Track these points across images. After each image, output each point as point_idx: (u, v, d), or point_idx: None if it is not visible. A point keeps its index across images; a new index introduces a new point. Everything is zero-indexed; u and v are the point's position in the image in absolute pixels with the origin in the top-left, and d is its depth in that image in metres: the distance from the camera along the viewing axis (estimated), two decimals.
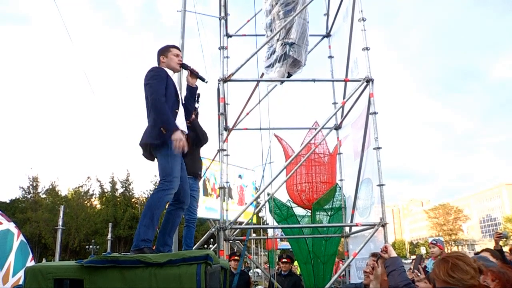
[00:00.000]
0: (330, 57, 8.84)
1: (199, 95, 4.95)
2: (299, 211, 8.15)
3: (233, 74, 6.43)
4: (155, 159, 3.70)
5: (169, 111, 3.56)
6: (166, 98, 3.63)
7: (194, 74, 4.12)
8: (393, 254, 3.30)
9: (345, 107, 7.69)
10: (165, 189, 3.41)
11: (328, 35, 8.85)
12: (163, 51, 4.04)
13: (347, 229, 7.92)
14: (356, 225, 6.53)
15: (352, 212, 7.10)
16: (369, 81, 6.31)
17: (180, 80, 8.30)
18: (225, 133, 7.13)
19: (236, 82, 6.62)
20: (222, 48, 6.84)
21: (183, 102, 4.07)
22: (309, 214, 8.11)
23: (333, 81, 8.47)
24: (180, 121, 3.77)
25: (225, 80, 6.45)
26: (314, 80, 6.62)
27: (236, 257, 7.60)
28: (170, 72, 3.92)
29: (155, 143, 3.54)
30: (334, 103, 8.55)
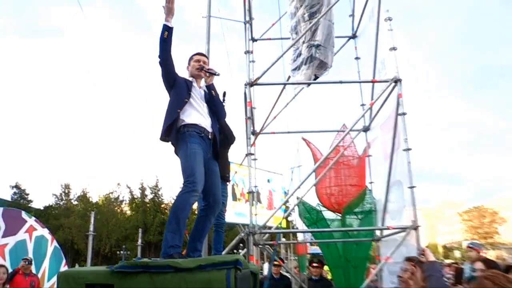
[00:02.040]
0: (357, 58, 8.66)
1: (225, 93, 4.92)
2: (329, 214, 8.02)
3: (259, 78, 6.38)
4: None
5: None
6: (175, 88, 3.67)
7: (209, 73, 4.03)
8: (431, 258, 3.18)
9: (373, 108, 7.55)
10: (188, 191, 3.31)
11: (354, 36, 8.72)
12: (188, 61, 4.09)
13: (378, 232, 7.75)
14: (388, 229, 6.38)
15: (383, 215, 6.94)
16: (397, 81, 6.18)
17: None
18: (252, 137, 7.01)
19: (263, 86, 6.54)
20: (248, 52, 6.80)
21: (205, 100, 3.96)
22: (339, 217, 7.97)
23: (360, 82, 8.31)
24: (199, 117, 3.70)
25: (251, 84, 6.40)
26: (341, 82, 6.54)
27: (278, 263, 7.59)
28: (191, 79, 3.96)
29: (172, 143, 3.51)
30: (362, 105, 8.40)
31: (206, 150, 3.57)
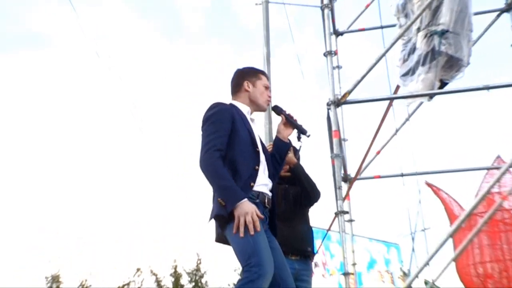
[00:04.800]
0: None
1: (302, 131, 3.40)
2: None
3: (350, 92, 4.67)
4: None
5: (228, 173, 2.55)
6: (235, 149, 2.65)
7: (289, 123, 3.03)
8: None
9: None
10: (253, 280, 2.47)
11: (509, 8, 5.84)
12: (249, 75, 2.99)
13: None
14: None
15: None
16: None
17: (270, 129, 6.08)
18: (345, 186, 5.36)
19: (355, 105, 5.01)
20: (329, 53, 5.01)
21: (267, 155, 2.92)
22: None
23: None
24: (262, 181, 2.74)
25: (338, 103, 4.74)
26: (487, 88, 4.61)
27: None
28: (244, 109, 2.84)
29: (219, 216, 2.58)
30: None
31: (262, 221, 2.65)
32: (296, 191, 3.81)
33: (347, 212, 4.91)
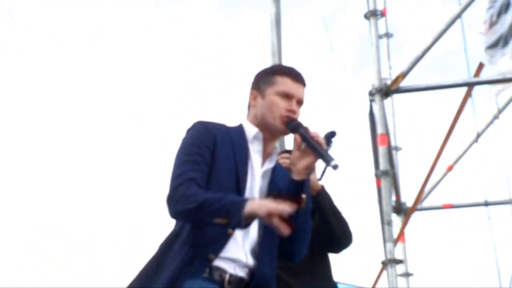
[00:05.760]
0: None
1: (332, 134, 2.60)
2: None
3: (406, 74, 3.80)
4: None
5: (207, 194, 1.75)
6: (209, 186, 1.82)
7: (310, 147, 1.74)
8: None
9: None
10: None
11: None
12: (260, 80, 1.94)
13: None
14: None
15: None
16: None
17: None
18: (397, 221, 4.42)
19: (413, 95, 4.41)
20: (373, 14, 3.90)
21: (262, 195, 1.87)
22: None
23: None
24: (233, 254, 1.81)
25: (387, 91, 3.86)
26: None
27: None
28: (250, 132, 1.90)
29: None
30: None
31: None
32: (317, 234, 2.62)
33: (401, 261, 3.93)
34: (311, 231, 2.40)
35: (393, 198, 4.57)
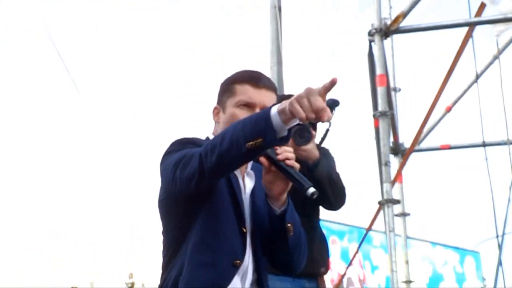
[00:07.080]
0: None
1: (336, 102, 2.64)
2: None
3: (405, 15, 3.92)
4: None
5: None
6: (199, 230, 1.55)
7: (282, 170, 1.47)
8: None
9: None
10: None
11: None
12: (221, 92, 1.78)
13: None
14: None
15: None
16: None
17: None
18: (395, 161, 4.56)
19: (413, 35, 4.47)
20: None
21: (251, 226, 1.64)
22: None
23: None
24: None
25: (386, 31, 3.90)
26: None
27: None
28: None
29: None
30: None
31: None
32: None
33: (398, 202, 3.98)
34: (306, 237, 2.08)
35: (391, 139, 4.59)
